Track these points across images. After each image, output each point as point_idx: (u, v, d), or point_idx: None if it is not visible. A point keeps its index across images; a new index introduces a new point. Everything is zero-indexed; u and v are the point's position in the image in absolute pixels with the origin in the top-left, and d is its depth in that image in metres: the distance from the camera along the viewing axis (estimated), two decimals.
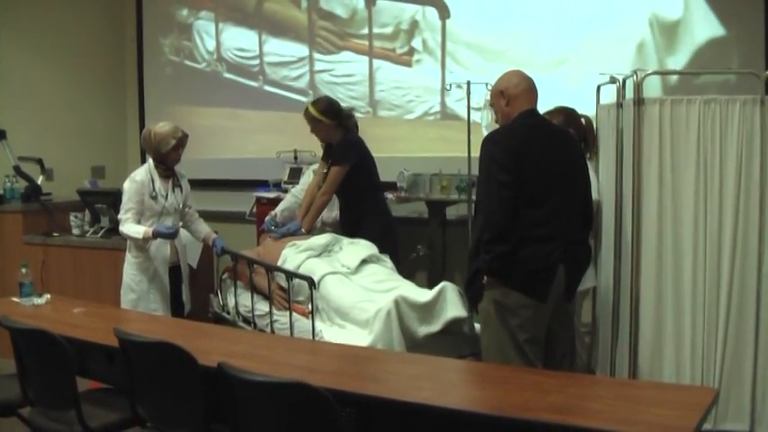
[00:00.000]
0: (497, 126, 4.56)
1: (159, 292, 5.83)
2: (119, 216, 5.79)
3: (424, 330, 4.75)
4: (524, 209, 4.21)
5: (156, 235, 5.63)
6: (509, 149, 4.27)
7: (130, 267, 5.85)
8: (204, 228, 6.17)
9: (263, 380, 3.20)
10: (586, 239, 4.61)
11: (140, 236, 5.64)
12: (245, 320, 5.78)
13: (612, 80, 5.21)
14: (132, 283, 5.82)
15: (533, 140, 4.36)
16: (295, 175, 7.65)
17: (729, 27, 6.56)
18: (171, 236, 5.69)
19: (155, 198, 5.74)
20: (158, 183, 5.79)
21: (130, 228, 5.68)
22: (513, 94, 4.43)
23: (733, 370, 4.75)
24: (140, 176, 5.77)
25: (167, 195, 5.80)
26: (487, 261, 4.23)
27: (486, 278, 4.32)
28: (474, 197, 6.55)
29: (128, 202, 5.73)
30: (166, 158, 5.78)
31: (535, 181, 4.25)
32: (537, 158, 4.30)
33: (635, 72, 4.90)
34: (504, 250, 4.18)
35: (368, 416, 3.42)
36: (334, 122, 6.11)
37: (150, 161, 5.84)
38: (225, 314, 6.05)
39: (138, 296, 5.81)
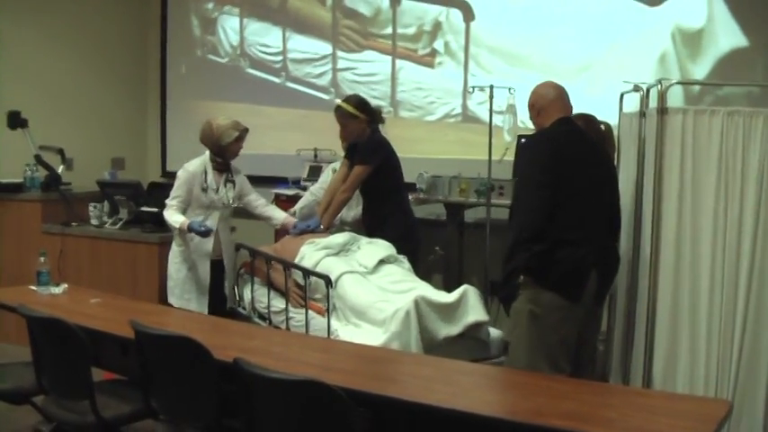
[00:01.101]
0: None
1: (196, 284, 5.89)
2: (166, 201, 5.88)
3: (444, 332, 4.74)
4: (561, 211, 4.26)
5: (189, 229, 5.68)
6: (550, 150, 4.37)
7: (173, 255, 5.96)
8: (279, 214, 6.25)
9: (279, 377, 3.21)
10: (615, 245, 4.68)
11: (177, 225, 5.73)
12: (261, 316, 5.78)
13: (636, 89, 5.19)
14: (172, 270, 5.94)
15: (568, 145, 4.44)
16: (315, 173, 7.65)
17: (752, 37, 6.52)
18: (202, 234, 5.71)
19: (205, 190, 5.81)
20: (211, 176, 5.85)
21: (172, 215, 5.79)
22: (542, 105, 4.55)
23: (747, 382, 4.73)
24: (193, 167, 5.85)
25: (218, 189, 5.86)
26: (525, 259, 4.25)
27: (522, 277, 4.35)
28: (492, 201, 6.58)
29: (176, 189, 5.85)
30: (226, 151, 5.84)
31: (571, 184, 4.32)
32: (574, 163, 4.37)
33: (659, 81, 4.90)
34: (541, 249, 4.23)
35: (381, 416, 3.42)
36: (368, 118, 6.10)
37: (207, 153, 5.88)
38: (241, 309, 6.05)
39: (174, 284, 5.91)
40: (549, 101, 4.55)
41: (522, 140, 6.05)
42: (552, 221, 4.24)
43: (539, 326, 4.31)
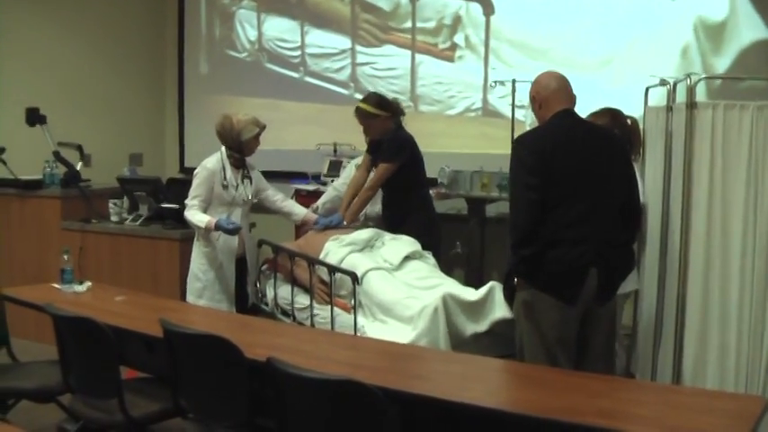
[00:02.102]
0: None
1: (224, 283, 5.85)
2: (186, 201, 5.82)
3: (471, 329, 4.72)
4: (553, 210, 4.20)
5: (217, 227, 5.64)
6: (537, 152, 4.26)
7: (198, 257, 5.88)
8: (300, 209, 6.25)
9: (314, 376, 3.19)
10: (628, 242, 4.56)
11: (203, 225, 5.67)
12: (284, 312, 5.76)
13: (663, 83, 5.16)
14: (199, 272, 5.86)
15: (566, 141, 4.32)
16: (334, 167, 7.65)
17: None
18: (230, 231, 5.67)
19: (226, 187, 5.77)
20: (230, 172, 5.80)
21: (195, 215, 5.72)
22: (544, 97, 4.44)
23: None
24: (211, 164, 5.80)
25: (237, 186, 5.82)
26: (514, 263, 4.28)
27: (516, 279, 4.38)
28: None
29: (196, 188, 5.77)
30: (244, 147, 5.81)
31: (565, 182, 4.23)
32: (568, 159, 4.27)
33: (688, 76, 4.85)
34: (529, 253, 4.20)
35: (412, 414, 3.39)
36: (389, 114, 6.07)
37: (223, 150, 5.84)
38: (263, 306, 6.03)
39: (203, 285, 5.84)
40: (550, 92, 4.42)
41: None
42: (545, 222, 4.19)
43: (535, 325, 4.30)
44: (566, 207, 4.22)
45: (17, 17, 8.25)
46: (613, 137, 4.69)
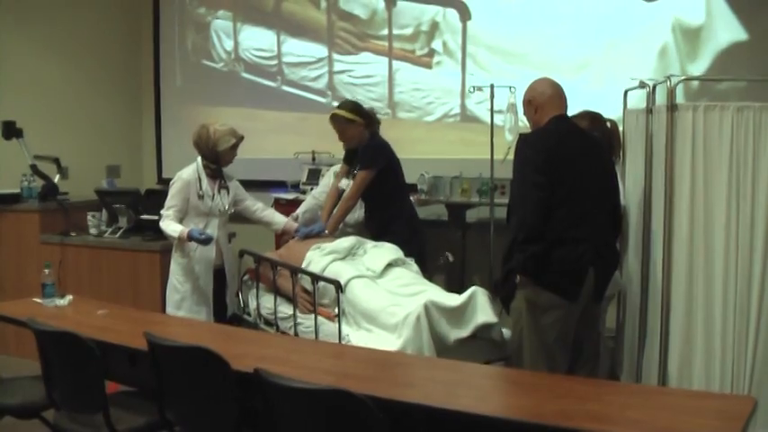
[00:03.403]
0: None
1: (202, 294, 5.83)
2: (161, 212, 5.79)
3: (454, 335, 4.70)
4: (558, 210, 4.31)
5: (189, 237, 5.61)
6: (543, 150, 4.38)
7: (176, 268, 5.86)
8: (280, 218, 6.22)
9: (302, 386, 3.16)
10: (614, 242, 4.72)
11: (176, 234, 5.64)
12: (267, 322, 5.73)
13: (642, 85, 5.16)
14: (177, 283, 5.83)
15: (566, 143, 4.46)
16: (313, 176, 7.64)
17: (753, 32, 6.53)
18: (202, 241, 5.64)
19: (201, 197, 5.74)
20: (206, 182, 5.78)
21: (169, 225, 5.70)
22: (540, 102, 4.58)
23: (763, 377, 4.69)
24: (187, 174, 5.77)
25: (213, 196, 5.79)
26: (521, 260, 4.32)
27: (519, 277, 4.43)
28: (495, 200, 6.56)
29: (171, 198, 5.75)
30: (221, 157, 5.79)
31: (568, 183, 4.35)
32: (570, 161, 4.40)
33: (668, 77, 4.86)
34: (537, 250, 4.28)
35: (400, 423, 3.37)
36: (365, 121, 6.06)
37: (199, 160, 5.82)
38: (246, 316, 6.01)
39: (182, 296, 5.82)
40: (546, 98, 4.58)
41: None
42: (550, 221, 4.29)
43: (537, 324, 4.39)
44: (569, 207, 4.35)
45: None
46: (601, 143, 4.85)
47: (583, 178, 4.41)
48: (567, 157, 4.40)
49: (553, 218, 4.30)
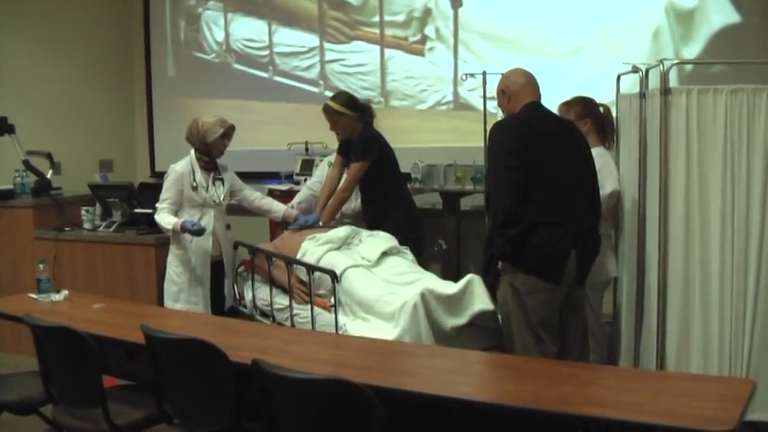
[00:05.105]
0: None
1: (200, 286, 5.83)
2: (156, 205, 5.80)
3: (451, 323, 4.68)
4: (535, 194, 4.34)
5: (182, 229, 5.61)
6: (516, 136, 4.43)
7: (173, 260, 5.87)
8: (279, 206, 6.22)
9: (301, 377, 3.16)
10: (595, 226, 4.70)
11: (170, 227, 5.66)
12: (263, 314, 5.72)
13: (635, 69, 5.16)
14: (174, 275, 5.84)
15: (539, 128, 4.51)
16: (307, 166, 7.63)
17: (746, 14, 6.51)
18: (194, 233, 5.63)
19: (195, 189, 5.74)
20: (199, 174, 5.78)
21: (164, 218, 5.72)
22: (513, 91, 4.64)
23: (761, 361, 4.70)
24: (180, 167, 5.79)
25: (208, 187, 5.79)
26: (500, 245, 4.37)
27: (501, 264, 4.48)
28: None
29: (165, 191, 5.77)
30: (211, 149, 5.79)
31: (543, 166, 4.39)
32: (544, 145, 4.44)
33: (661, 61, 4.84)
34: (515, 233, 4.32)
35: (399, 411, 3.36)
36: (356, 114, 6.04)
37: (192, 152, 5.83)
38: (242, 308, 6.00)
39: (179, 288, 5.82)
40: (519, 86, 4.63)
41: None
42: (527, 205, 4.32)
43: (522, 308, 4.42)
44: (545, 190, 4.37)
45: None
46: (576, 128, 4.87)
47: (558, 162, 4.45)
48: (540, 141, 4.44)
49: (530, 202, 4.32)
